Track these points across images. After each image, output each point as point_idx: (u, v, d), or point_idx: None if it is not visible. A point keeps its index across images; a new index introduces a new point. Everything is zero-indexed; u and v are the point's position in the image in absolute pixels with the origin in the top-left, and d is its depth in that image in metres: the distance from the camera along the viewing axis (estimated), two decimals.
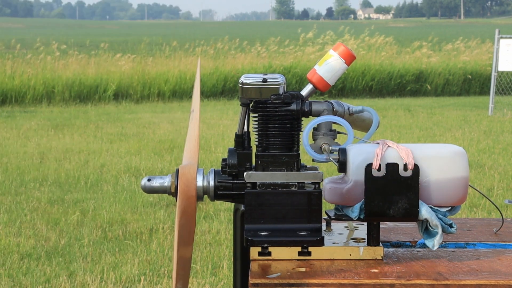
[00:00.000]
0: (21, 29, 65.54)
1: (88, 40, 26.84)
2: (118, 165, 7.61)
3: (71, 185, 6.71)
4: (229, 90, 16.79)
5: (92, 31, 61.63)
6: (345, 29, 22.99)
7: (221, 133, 10.20)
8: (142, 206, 5.89)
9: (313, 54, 18.67)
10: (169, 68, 17.03)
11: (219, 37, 24.01)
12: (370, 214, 1.40)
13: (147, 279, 4.17)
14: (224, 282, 4.14)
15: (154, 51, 20.38)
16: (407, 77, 18.21)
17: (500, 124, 11.49)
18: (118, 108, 14.56)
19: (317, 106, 1.51)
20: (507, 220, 1.77)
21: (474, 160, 7.91)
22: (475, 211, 5.65)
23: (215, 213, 5.61)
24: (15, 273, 4.29)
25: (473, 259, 1.46)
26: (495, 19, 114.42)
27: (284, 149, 1.48)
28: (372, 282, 1.32)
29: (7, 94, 15.00)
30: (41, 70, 16.13)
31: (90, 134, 10.24)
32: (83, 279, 4.16)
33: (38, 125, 11.22)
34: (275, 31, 45.99)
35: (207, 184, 1.51)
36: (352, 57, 1.51)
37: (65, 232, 5.15)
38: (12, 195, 6.31)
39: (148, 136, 9.95)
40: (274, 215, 1.43)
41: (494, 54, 13.44)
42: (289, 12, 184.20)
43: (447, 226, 1.42)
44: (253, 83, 1.48)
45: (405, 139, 9.54)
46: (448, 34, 37.88)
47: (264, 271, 1.37)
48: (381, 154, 1.39)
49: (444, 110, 13.81)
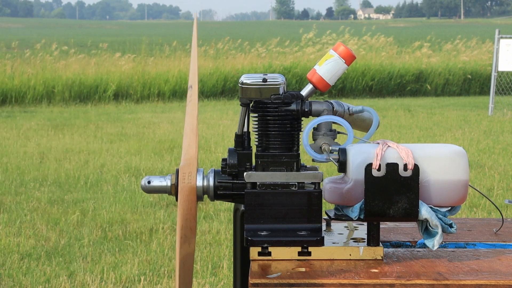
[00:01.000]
0: (21, 29, 65.54)
1: (89, 41, 26.83)
2: (118, 165, 7.61)
3: (71, 185, 6.71)
4: (229, 90, 16.79)
5: (92, 31, 61.63)
6: (345, 29, 22.99)
7: (221, 133, 10.20)
8: (142, 206, 5.89)
9: (313, 54, 18.67)
10: (169, 68, 17.04)
11: (219, 37, 24.01)
12: (370, 214, 1.40)
13: (147, 279, 4.17)
14: (224, 282, 4.14)
15: (154, 51, 20.38)
16: (407, 77, 18.21)
17: (500, 124, 11.49)
18: (118, 108, 14.56)
19: (317, 106, 1.51)
20: (507, 220, 1.77)
21: (474, 160, 7.91)
22: (475, 211, 5.65)
23: (215, 213, 5.61)
24: (15, 273, 4.29)
25: (473, 259, 1.46)
26: (495, 19, 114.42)
27: (284, 149, 1.48)
28: (372, 282, 1.32)
29: (7, 94, 15.00)
30: (41, 70, 16.13)
31: (90, 134, 10.24)
32: (83, 279, 4.16)
33: (38, 125, 11.22)
34: (275, 31, 46.01)
35: (207, 184, 1.51)
36: (352, 57, 1.51)
37: (65, 232, 5.15)
38: (12, 195, 6.31)
39: (148, 136, 9.95)
40: (274, 215, 1.43)
41: (494, 54, 13.44)
42: (289, 12, 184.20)
43: (447, 226, 1.42)
44: (253, 83, 1.48)
45: (405, 139, 9.54)
46: (448, 34, 37.88)
47: (264, 271, 1.37)
48: (381, 154, 1.39)
49: (444, 110, 13.81)
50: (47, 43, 20.84)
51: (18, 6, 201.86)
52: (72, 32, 53.93)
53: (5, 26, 76.39)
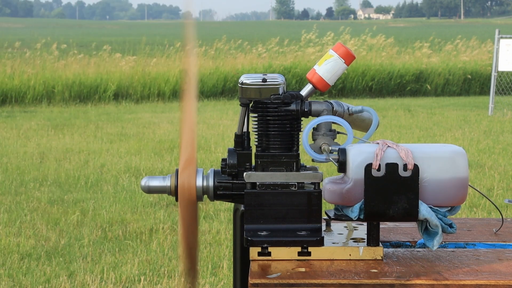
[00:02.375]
0: (21, 29, 65.54)
1: (91, 41, 26.81)
2: (118, 165, 7.61)
3: (71, 185, 6.71)
4: (229, 90, 16.79)
5: (92, 31, 61.62)
6: (345, 29, 22.99)
7: (221, 133, 10.20)
8: (142, 206, 5.89)
9: (313, 55, 18.67)
10: (169, 68, 17.04)
11: (219, 37, 24.01)
12: (370, 214, 1.40)
13: (147, 279, 4.17)
14: (224, 282, 4.14)
15: (154, 51, 20.37)
16: (407, 77, 18.20)
17: (500, 124, 11.49)
18: (118, 108, 14.56)
19: (316, 106, 1.51)
20: (507, 220, 1.77)
21: (474, 160, 7.91)
22: (475, 211, 5.65)
23: (215, 213, 5.61)
24: (15, 273, 4.29)
25: (473, 259, 1.46)
26: (495, 19, 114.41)
27: (284, 149, 1.48)
28: (372, 282, 1.32)
29: (7, 94, 14.99)
30: (41, 70, 16.13)
31: (90, 134, 10.24)
32: (83, 279, 4.16)
33: (38, 125, 11.22)
34: (275, 31, 46.00)
35: (207, 184, 1.51)
36: (351, 57, 1.51)
37: (65, 232, 5.15)
38: (12, 195, 6.31)
39: (148, 136, 9.94)
40: (274, 215, 1.43)
41: (494, 54, 13.43)
42: (289, 12, 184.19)
43: (447, 226, 1.42)
44: (253, 83, 1.48)
45: (405, 139, 9.54)
46: (448, 34, 37.87)
47: (264, 271, 1.37)
48: (381, 154, 1.39)
49: (444, 110, 13.81)
50: (47, 43, 20.84)
51: (18, 6, 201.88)
52: (72, 32, 53.92)
53: (5, 26, 76.38)
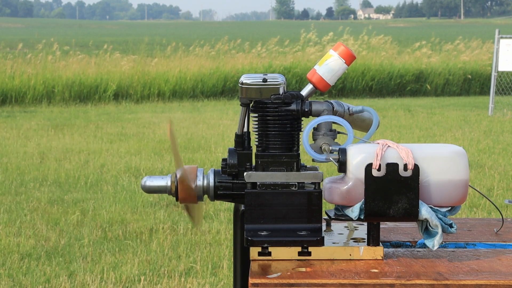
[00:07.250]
0: (21, 29, 65.54)
1: (91, 41, 26.82)
2: (118, 165, 7.61)
3: (71, 185, 6.71)
4: (229, 90, 16.79)
5: (92, 31, 61.62)
6: (345, 29, 22.99)
7: (221, 133, 10.20)
8: (142, 206, 5.89)
9: (314, 54, 18.66)
10: (169, 68, 17.04)
11: (219, 37, 24.01)
12: (370, 214, 1.40)
13: (147, 279, 4.17)
14: (224, 282, 4.14)
15: (154, 51, 20.37)
16: (407, 77, 18.21)
17: (500, 124, 11.49)
18: (118, 108, 14.56)
19: (317, 106, 1.51)
20: (507, 220, 1.77)
21: (474, 160, 7.91)
22: (475, 211, 5.65)
23: (215, 213, 5.61)
24: (15, 273, 4.29)
25: (473, 259, 1.46)
26: (495, 19, 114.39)
27: (284, 149, 1.48)
28: (372, 282, 1.32)
29: (7, 94, 14.99)
30: (41, 70, 16.13)
31: (90, 134, 10.24)
32: (83, 279, 4.16)
33: (38, 125, 11.22)
34: (275, 31, 45.99)
35: (207, 184, 1.51)
36: (352, 57, 1.51)
37: (65, 232, 5.15)
38: (12, 195, 6.31)
39: (148, 136, 9.94)
40: (274, 215, 1.43)
41: (494, 54, 13.43)
42: (289, 12, 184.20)
43: (447, 226, 1.42)
44: (253, 83, 1.48)
45: (405, 139, 9.54)
46: (448, 34, 37.88)
47: (264, 271, 1.37)
48: (381, 154, 1.39)
49: (444, 110, 13.81)
50: (48, 43, 20.83)
51: (18, 6, 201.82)
52: (72, 32, 53.93)
53: (5, 26, 76.37)
